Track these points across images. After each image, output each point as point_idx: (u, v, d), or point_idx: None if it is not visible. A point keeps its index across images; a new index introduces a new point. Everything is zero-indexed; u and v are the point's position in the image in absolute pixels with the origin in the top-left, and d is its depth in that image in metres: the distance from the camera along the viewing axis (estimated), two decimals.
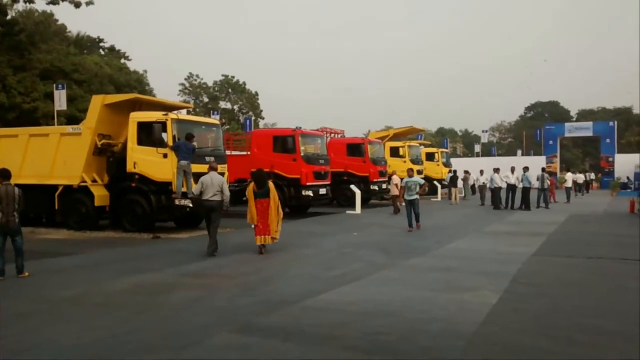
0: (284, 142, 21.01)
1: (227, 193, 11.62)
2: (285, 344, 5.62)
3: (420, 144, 36.40)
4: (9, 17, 34.61)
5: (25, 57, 33.27)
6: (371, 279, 8.96)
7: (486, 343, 5.64)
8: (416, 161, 32.02)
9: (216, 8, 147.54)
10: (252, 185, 11.61)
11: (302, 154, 20.75)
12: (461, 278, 8.95)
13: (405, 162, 30.59)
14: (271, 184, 11.80)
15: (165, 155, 14.65)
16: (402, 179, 18.47)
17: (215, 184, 11.40)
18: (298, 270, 9.96)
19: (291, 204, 21.19)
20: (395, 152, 31.38)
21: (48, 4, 34.00)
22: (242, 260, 10.93)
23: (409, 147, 31.95)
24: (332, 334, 5.93)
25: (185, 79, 68.44)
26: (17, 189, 9.25)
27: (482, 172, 28.33)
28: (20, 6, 37.96)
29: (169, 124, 14.75)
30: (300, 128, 21.42)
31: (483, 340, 5.71)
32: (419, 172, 31.84)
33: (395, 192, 22.20)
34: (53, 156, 15.83)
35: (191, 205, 14.63)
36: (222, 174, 15.30)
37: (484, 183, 27.68)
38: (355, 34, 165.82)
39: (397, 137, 32.85)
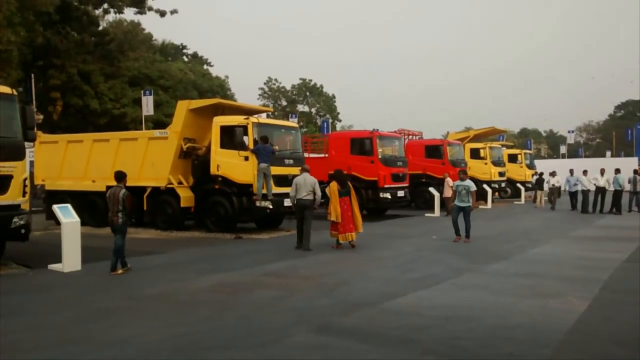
0: (362, 144, 21.04)
1: (319, 193, 12.65)
2: (363, 345, 5.63)
3: (502, 145, 35.31)
4: (100, 28, 36.72)
5: (115, 65, 35.10)
6: (450, 283, 8.80)
7: (574, 352, 5.41)
8: (498, 163, 31.11)
9: (294, 13, 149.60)
10: (334, 185, 12.60)
11: (380, 156, 20.67)
12: (546, 284, 8.62)
13: (486, 163, 29.82)
14: (349, 183, 12.94)
15: (246, 158, 15.02)
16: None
17: (307, 184, 12.50)
18: (375, 272, 9.94)
19: (368, 206, 21.18)
20: (475, 154, 30.60)
21: (135, 13, 35.84)
22: (320, 261, 11.03)
23: (490, 148, 31.05)
24: (411, 337, 5.89)
25: (264, 83, 70.17)
26: (123, 191, 9.83)
27: (553, 174, 26.96)
28: (111, 17, 40.28)
29: (249, 127, 15.13)
30: (378, 130, 21.36)
31: (571, 349, 5.48)
32: (501, 174, 30.94)
33: (448, 193, 21.63)
34: (141, 159, 16.56)
35: (271, 207, 14.94)
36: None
37: (553, 185, 26.38)
38: (427, 30, 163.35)
39: (477, 138, 32.02)
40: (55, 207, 10.47)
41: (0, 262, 10.56)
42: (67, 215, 10.21)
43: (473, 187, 13.78)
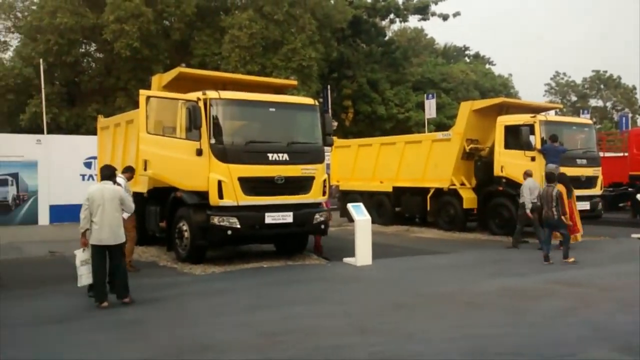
0: None
1: (535, 195, 12.77)
2: None
3: None
4: (386, 38, 38.91)
5: (400, 72, 36.75)
6: None
7: None
8: None
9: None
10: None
11: None
12: None
13: None
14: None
15: (533, 159, 14.29)
16: None
17: (537, 187, 12.79)
18: None
19: None
20: None
21: (419, 20, 37.09)
22: (618, 272, 9.92)
23: None
24: None
25: (551, 78, 65.77)
26: (555, 190, 10.88)
27: None
28: (395, 26, 42.40)
29: (536, 126, 14.36)
30: None
31: None
32: None
33: None
34: (425, 161, 16.98)
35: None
36: (596, 177, 14.51)
37: None
38: None
39: None
40: (350, 206, 11.47)
41: (304, 254, 11.96)
42: (359, 213, 11.08)
43: None
